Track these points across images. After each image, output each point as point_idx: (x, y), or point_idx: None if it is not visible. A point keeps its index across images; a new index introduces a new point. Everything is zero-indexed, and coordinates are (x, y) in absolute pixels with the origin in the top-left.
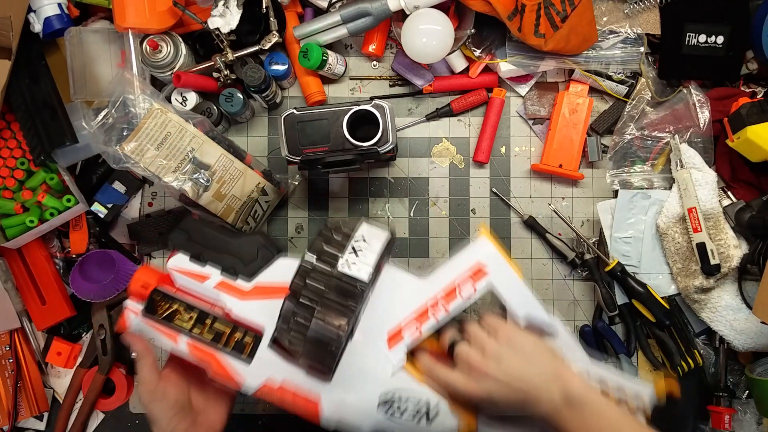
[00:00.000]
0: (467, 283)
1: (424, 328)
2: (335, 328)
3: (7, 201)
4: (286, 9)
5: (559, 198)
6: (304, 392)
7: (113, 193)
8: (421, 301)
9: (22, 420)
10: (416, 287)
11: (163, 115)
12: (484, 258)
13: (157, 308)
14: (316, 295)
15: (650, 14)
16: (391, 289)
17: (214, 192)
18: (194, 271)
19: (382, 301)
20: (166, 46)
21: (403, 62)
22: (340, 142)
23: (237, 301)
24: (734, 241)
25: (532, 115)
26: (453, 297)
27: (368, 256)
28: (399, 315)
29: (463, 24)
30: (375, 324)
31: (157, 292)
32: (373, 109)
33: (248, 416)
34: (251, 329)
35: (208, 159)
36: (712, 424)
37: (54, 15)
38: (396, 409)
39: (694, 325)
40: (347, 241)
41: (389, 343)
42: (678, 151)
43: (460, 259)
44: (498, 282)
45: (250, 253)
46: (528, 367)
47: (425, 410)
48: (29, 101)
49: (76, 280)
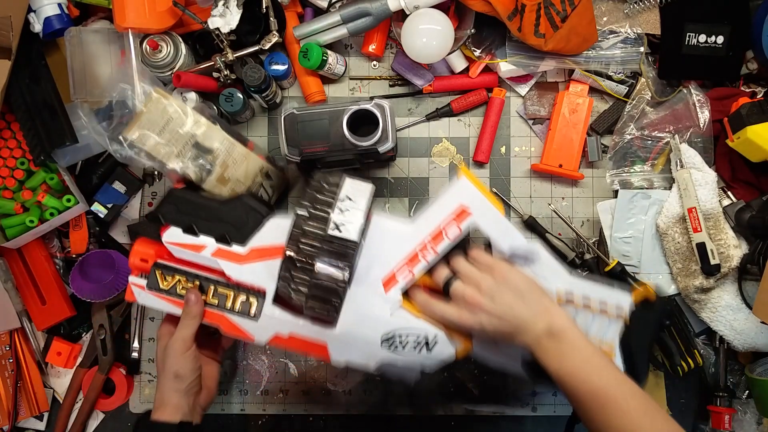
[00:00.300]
0: (452, 225)
1: (415, 270)
2: (333, 284)
3: (7, 201)
4: (286, 9)
5: (559, 198)
6: (312, 339)
7: (113, 193)
8: (411, 247)
9: (22, 420)
10: (404, 233)
11: (164, 101)
12: (466, 200)
13: (161, 280)
14: (311, 256)
15: (650, 14)
16: (381, 238)
17: (218, 176)
18: (189, 243)
19: (375, 250)
20: (166, 46)
21: (403, 62)
22: (340, 142)
23: (236, 266)
24: (734, 241)
25: (532, 115)
26: (440, 239)
27: (355, 215)
28: (391, 262)
29: (463, 24)
30: (370, 272)
31: (157, 265)
32: (373, 108)
33: (248, 416)
34: (254, 290)
35: (210, 143)
36: (712, 424)
37: (54, 15)
38: (398, 344)
39: (694, 325)
40: (334, 199)
41: (385, 288)
42: (678, 151)
43: (443, 202)
44: (481, 221)
45: (240, 217)
46: (520, 303)
47: (425, 341)
48: (29, 101)
49: (76, 280)
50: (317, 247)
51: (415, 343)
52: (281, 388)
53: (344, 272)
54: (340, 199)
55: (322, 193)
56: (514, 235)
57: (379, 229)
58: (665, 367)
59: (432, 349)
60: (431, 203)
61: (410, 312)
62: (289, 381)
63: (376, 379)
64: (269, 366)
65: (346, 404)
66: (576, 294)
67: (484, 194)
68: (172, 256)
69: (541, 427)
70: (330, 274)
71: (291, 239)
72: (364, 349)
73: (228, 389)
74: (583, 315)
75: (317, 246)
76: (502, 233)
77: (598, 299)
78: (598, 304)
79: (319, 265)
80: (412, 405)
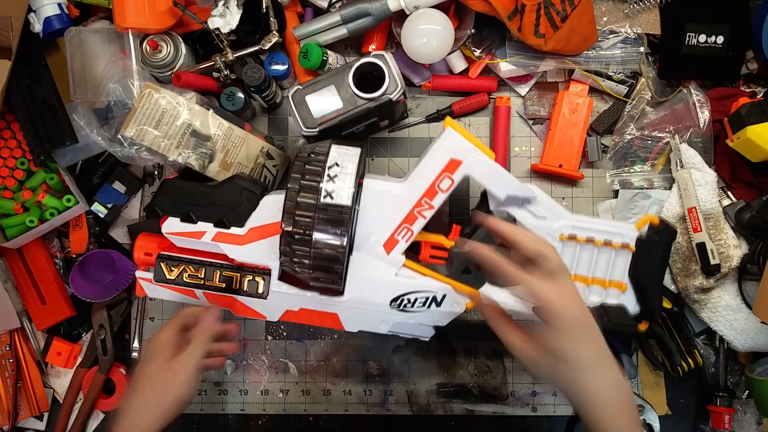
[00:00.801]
0: (444, 178)
1: (414, 227)
2: (333, 250)
3: (7, 201)
4: (286, 9)
5: (559, 198)
6: (323, 310)
7: (113, 193)
8: (407, 207)
9: (22, 420)
10: (398, 194)
11: (155, 94)
12: (456, 153)
13: (167, 271)
14: (308, 227)
15: (650, 14)
16: (375, 202)
17: (220, 162)
18: (189, 231)
19: (371, 215)
20: (166, 46)
21: (403, 60)
22: (352, 101)
23: (237, 248)
24: (734, 241)
25: (532, 115)
26: (435, 193)
27: (345, 180)
28: (390, 225)
29: (463, 24)
30: (370, 238)
31: (162, 257)
32: (375, 59)
33: (248, 416)
34: (259, 269)
35: (207, 129)
36: (712, 424)
37: (54, 15)
38: (407, 303)
39: (694, 325)
40: (322, 167)
41: (386, 249)
42: (678, 151)
43: (432, 157)
44: (473, 170)
45: (235, 199)
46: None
47: (432, 297)
48: (29, 101)
49: (76, 280)
50: (312, 217)
51: (424, 299)
52: (281, 388)
53: (342, 238)
54: (329, 166)
55: (311, 164)
56: (507, 180)
57: (372, 192)
58: (665, 367)
59: (441, 304)
60: (422, 158)
61: (415, 270)
62: (289, 381)
63: (376, 378)
64: (269, 366)
65: (346, 404)
66: (578, 230)
67: (472, 143)
68: (175, 246)
69: (541, 427)
70: (328, 242)
71: (286, 213)
72: (374, 314)
73: (228, 389)
74: (588, 251)
75: (312, 216)
76: (496, 179)
77: (601, 232)
78: (602, 236)
79: (317, 235)
80: (412, 405)
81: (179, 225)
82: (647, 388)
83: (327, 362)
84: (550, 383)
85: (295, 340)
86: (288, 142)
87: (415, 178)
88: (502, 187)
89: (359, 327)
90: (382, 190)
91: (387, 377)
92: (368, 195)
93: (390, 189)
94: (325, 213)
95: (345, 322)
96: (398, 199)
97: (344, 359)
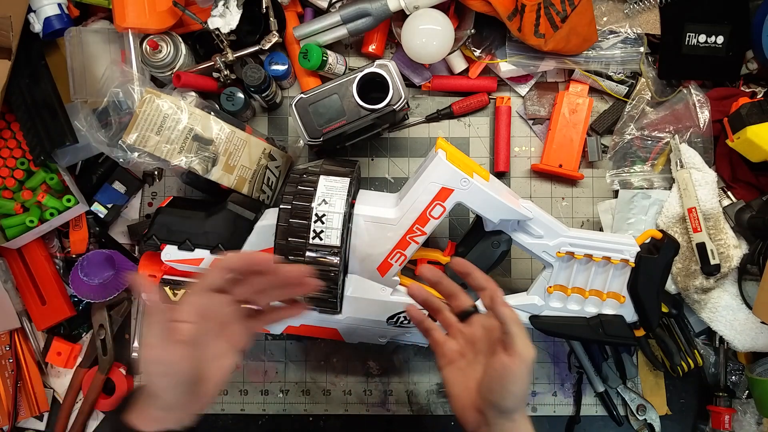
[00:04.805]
0: (436, 206)
1: (407, 252)
2: (326, 267)
3: (7, 201)
4: (286, 9)
5: (559, 198)
6: (322, 326)
7: (113, 193)
8: (399, 234)
9: (22, 420)
10: (390, 221)
11: (156, 100)
12: (446, 182)
13: (171, 295)
14: (300, 249)
15: (650, 14)
16: (368, 229)
17: (223, 165)
18: (187, 258)
19: (364, 240)
20: (166, 46)
21: (403, 60)
22: (356, 111)
23: None
24: (734, 241)
25: (532, 115)
26: (426, 221)
27: (334, 220)
28: (382, 251)
29: (463, 24)
30: (365, 263)
31: (164, 281)
32: (378, 69)
33: (248, 416)
34: None
35: (209, 133)
36: (712, 424)
37: (54, 15)
38: (404, 320)
39: (694, 325)
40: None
41: (380, 272)
42: (678, 151)
43: (423, 186)
44: (465, 199)
45: (228, 226)
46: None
47: (428, 314)
48: (29, 101)
49: (76, 280)
50: (303, 260)
51: None
52: (281, 388)
53: (336, 257)
54: (317, 202)
55: (299, 198)
56: (500, 206)
57: (364, 219)
58: (665, 367)
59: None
60: (413, 180)
61: None
62: (289, 381)
63: (376, 378)
64: (269, 366)
65: (346, 404)
66: (576, 247)
67: (464, 166)
68: (177, 271)
69: (541, 427)
70: (322, 261)
71: (278, 251)
72: (372, 329)
73: (228, 389)
74: (586, 269)
75: (302, 257)
76: (488, 206)
77: (600, 249)
78: (601, 253)
79: (310, 254)
80: (412, 405)
81: (177, 253)
82: (647, 388)
83: (327, 362)
84: None
85: (295, 340)
86: (288, 142)
87: (406, 203)
88: (495, 212)
89: (359, 340)
90: (374, 215)
91: (387, 377)
92: (360, 222)
93: (382, 215)
94: (316, 253)
95: (344, 335)
96: (390, 227)
97: (344, 359)
